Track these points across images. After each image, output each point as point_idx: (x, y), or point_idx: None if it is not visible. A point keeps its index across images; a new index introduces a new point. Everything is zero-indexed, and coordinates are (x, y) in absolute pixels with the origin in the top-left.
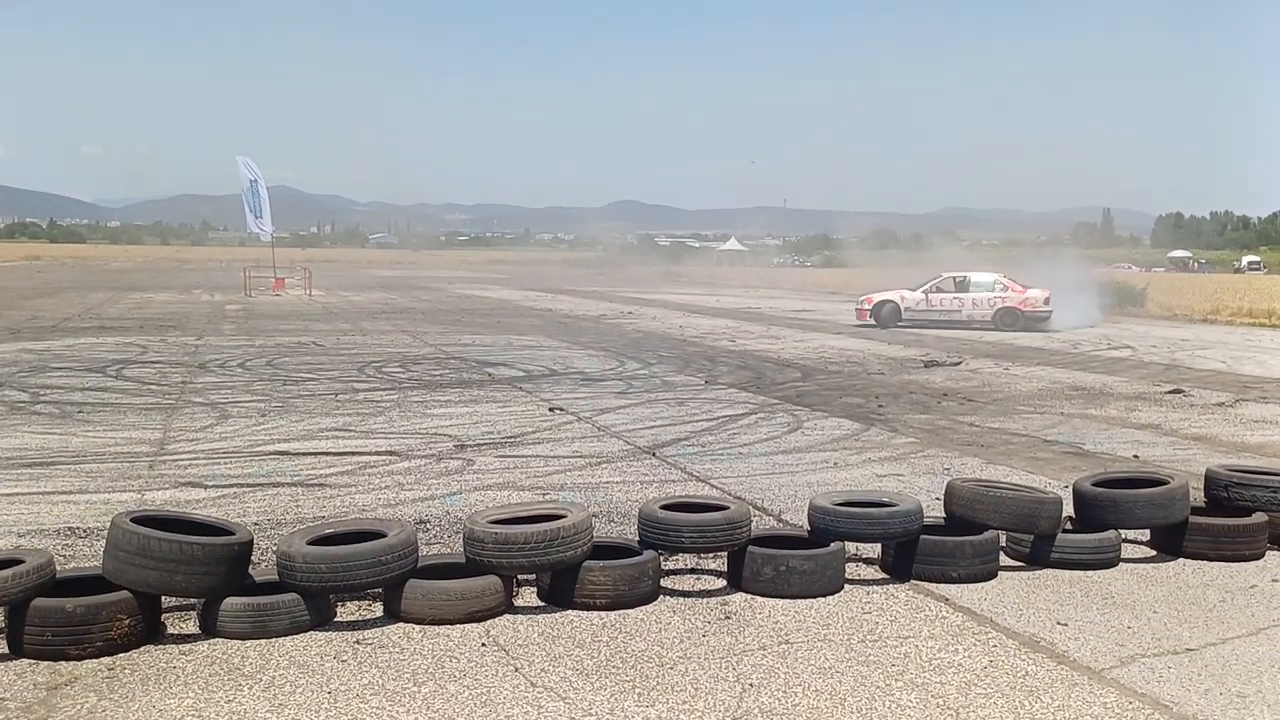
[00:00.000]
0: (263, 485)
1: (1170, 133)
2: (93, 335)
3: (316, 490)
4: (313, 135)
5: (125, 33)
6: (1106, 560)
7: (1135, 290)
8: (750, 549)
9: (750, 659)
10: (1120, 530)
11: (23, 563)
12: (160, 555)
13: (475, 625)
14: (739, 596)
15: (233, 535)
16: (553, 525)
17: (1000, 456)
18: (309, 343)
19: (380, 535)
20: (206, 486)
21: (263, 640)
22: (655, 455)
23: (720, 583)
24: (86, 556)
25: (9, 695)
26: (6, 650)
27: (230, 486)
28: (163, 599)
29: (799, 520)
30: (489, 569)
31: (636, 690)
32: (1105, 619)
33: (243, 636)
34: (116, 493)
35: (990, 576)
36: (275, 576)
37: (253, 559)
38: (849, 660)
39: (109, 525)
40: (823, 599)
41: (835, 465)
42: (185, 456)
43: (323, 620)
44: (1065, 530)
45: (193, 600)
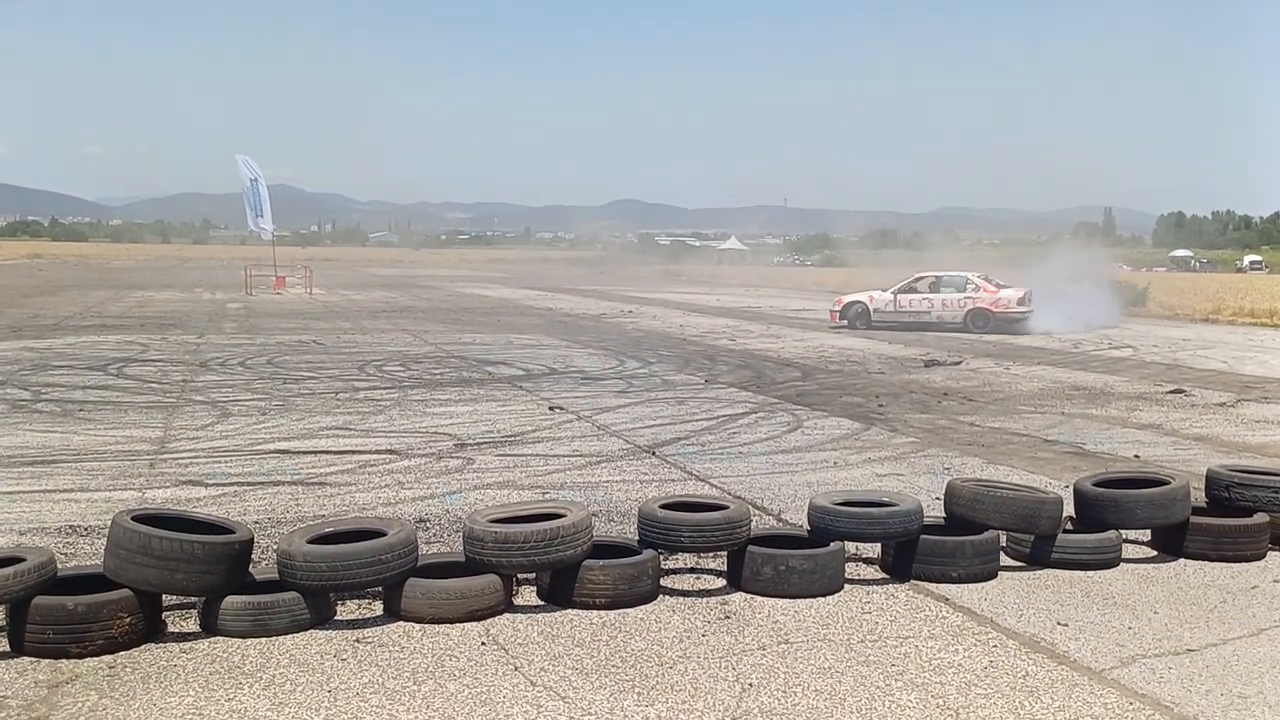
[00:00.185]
0: (263, 484)
1: (1172, 132)
2: (94, 333)
3: (317, 489)
4: (313, 134)
5: (127, 32)
6: (1107, 560)
7: (1136, 290)
8: (750, 548)
9: (750, 659)
10: (1121, 530)
11: (24, 561)
12: (161, 554)
13: (475, 624)
14: (739, 596)
15: (233, 534)
16: (552, 524)
17: (1001, 456)
18: (309, 341)
19: (380, 534)
20: (207, 485)
21: (263, 639)
22: (655, 454)
23: (720, 582)
24: (87, 555)
25: (10, 693)
26: (8, 648)
27: (231, 485)
28: (163, 597)
29: (799, 520)
30: (489, 568)
31: (636, 689)
32: (1106, 619)
33: (243, 635)
34: (117, 491)
35: (990, 576)
36: (275, 575)
37: (253, 557)
38: (849, 660)
39: (110, 523)
40: (822, 599)
41: (835, 465)
42: (186, 455)
43: (323, 619)
44: (1066, 530)
45: (193, 598)
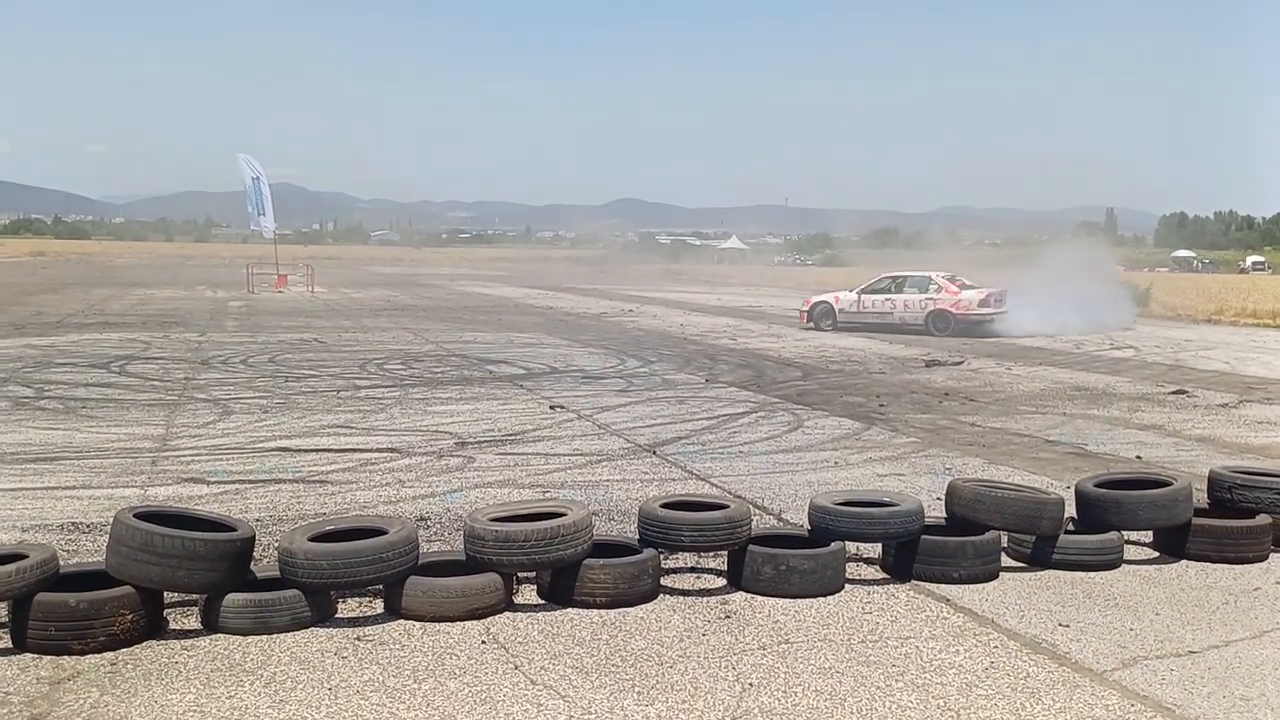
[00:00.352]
0: (265, 482)
1: (1175, 132)
2: (97, 331)
3: (318, 487)
4: (316, 133)
5: (130, 30)
6: (1109, 562)
7: (1139, 290)
8: (750, 548)
9: (750, 658)
10: (1123, 531)
11: (26, 557)
12: (163, 551)
13: (475, 623)
14: (739, 596)
15: (235, 531)
16: (553, 523)
17: (1002, 457)
18: (311, 340)
19: (381, 532)
20: (209, 483)
21: (264, 636)
22: (655, 453)
23: (720, 582)
24: (90, 552)
25: (12, 690)
26: (10, 645)
27: (232, 483)
28: (165, 594)
29: (799, 519)
30: (489, 566)
31: (636, 689)
32: (1107, 621)
33: (244, 632)
34: (120, 488)
35: (992, 577)
36: (277, 573)
37: (254, 555)
38: (849, 660)
39: (112, 521)
40: (823, 599)
41: (836, 465)
42: (188, 452)
43: (324, 617)
44: (1067, 531)
45: (195, 596)
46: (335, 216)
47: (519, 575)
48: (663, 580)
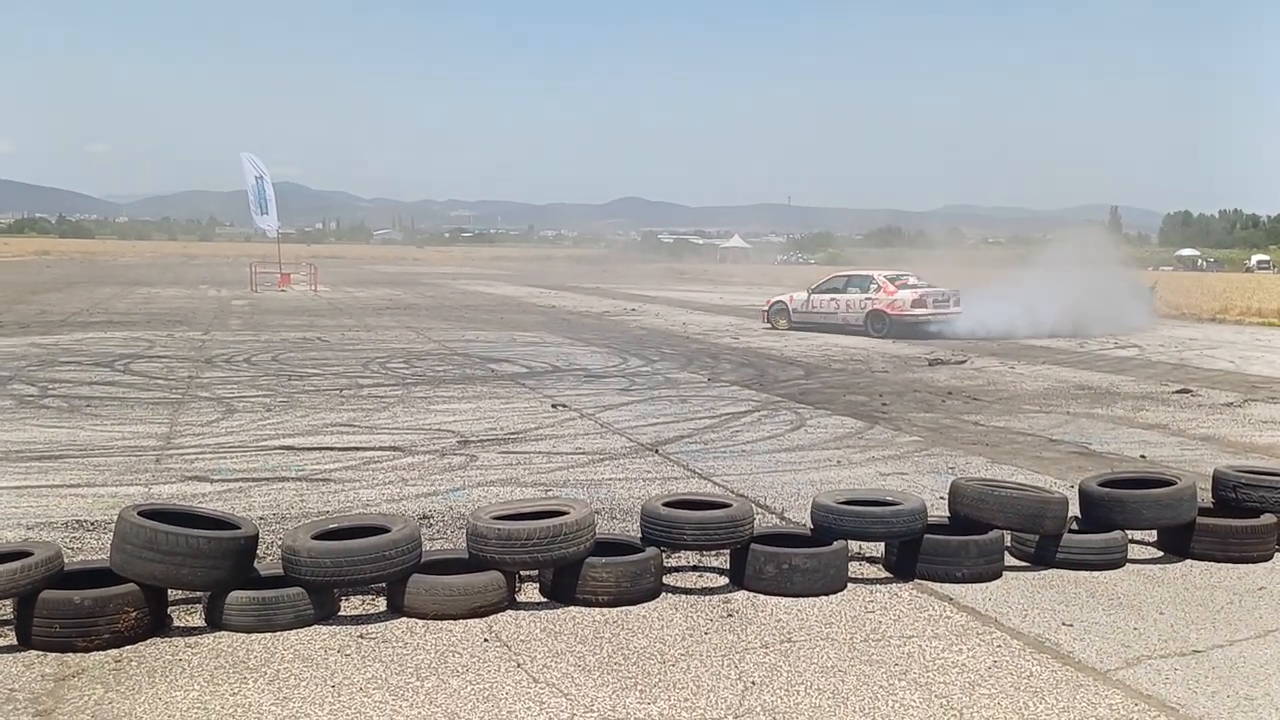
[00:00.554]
0: (268, 480)
1: (1179, 130)
2: (101, 330)
3: (321, 485)
4: (319, 132)
5: (133, 29)
6: (1113, 561)
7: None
8: (753, 547)
9: (753, 657)
10: (1127, 531)
11: (31, 555)
12: (167, 549)
13: (478, 620)
14: (741, 594)
15: (238, 529)
16: (555, 522)
17: (1005, 456)
18: (314, 338)
19: (384, 530)
20: (212, 481)
21: (268, 634)
22: (658, 452)
23: (722, 580)
24: (94, 549)
25: (17, 686)
26: (15, 642)
27: (236, 481)
28: (169, 592)
29: (802, 519)
30: (492, 565)
31: (639, 687)
32: (1111, 620)
33: (248, 630)
34: (123, 486)
35: (995, 576)
36: (280, 571)
37: (258, 553)
38: (852, 659)
39: (116, 519)
40: (826, 597)
41: (838, 464)
42: (191, 451)
43: (327, 614)
44: (1071, 530)
45: (199, 593)
46: (338, 215)
47: (521, 573)
48: (665, 579)
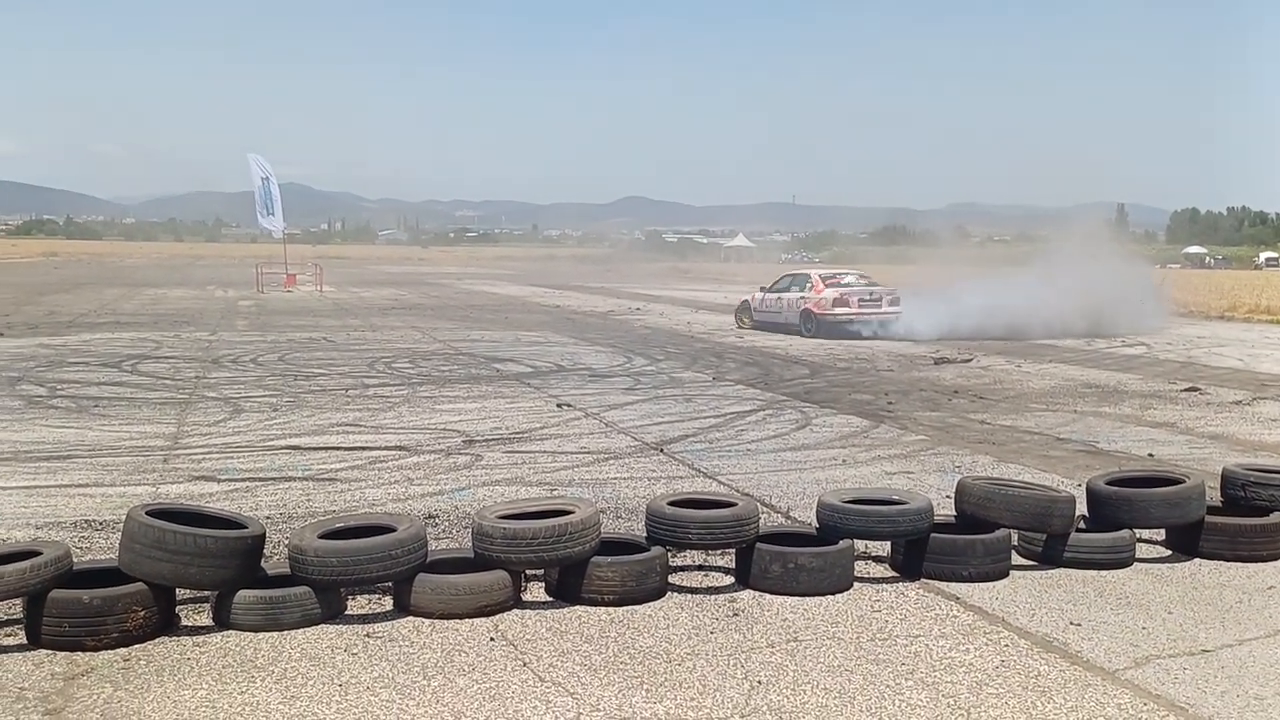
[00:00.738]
0: (275, 479)
1: (1186, 127)
2: (108, 330)
3: (327, 485)
4: (324, 133)
5: (139, 31)
6: (1121, 560)
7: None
8: (758, 546)
9: (759, 656)
10: (1135, 530)
11: (40, 555)
12: (175, 548)
13: (484, 620)
14: (747, 593)
15: (246, 529)
16: (561, 521)
17: (1012, 455)
18: (320, 338)
19: (390, 530)
20: (220, 480)
21: (275, 633)
22: (663, 451)
23: (728, 580)
24: (102, 549)
25: (27, 685)
26: (25, 641)
27: (243, 480)
28: (177, 591)
29: (807, 518)
30: (497, 564)
31: (644, 686)
32: (1119, 619)
33: (255, 629)
34: (132, 486)
35: (1002, 575)
36: (287, 570)
37: (265, 552)
38: (858, 659)
39: (125, 518)
40: (832, 597)
41: (844, 463)
42: (199, 451)
43: (333, 613)
44: (1079, 529)
45: (207, 593)
46: (343, 216)
47: (527, 573)
48: (670, 578)
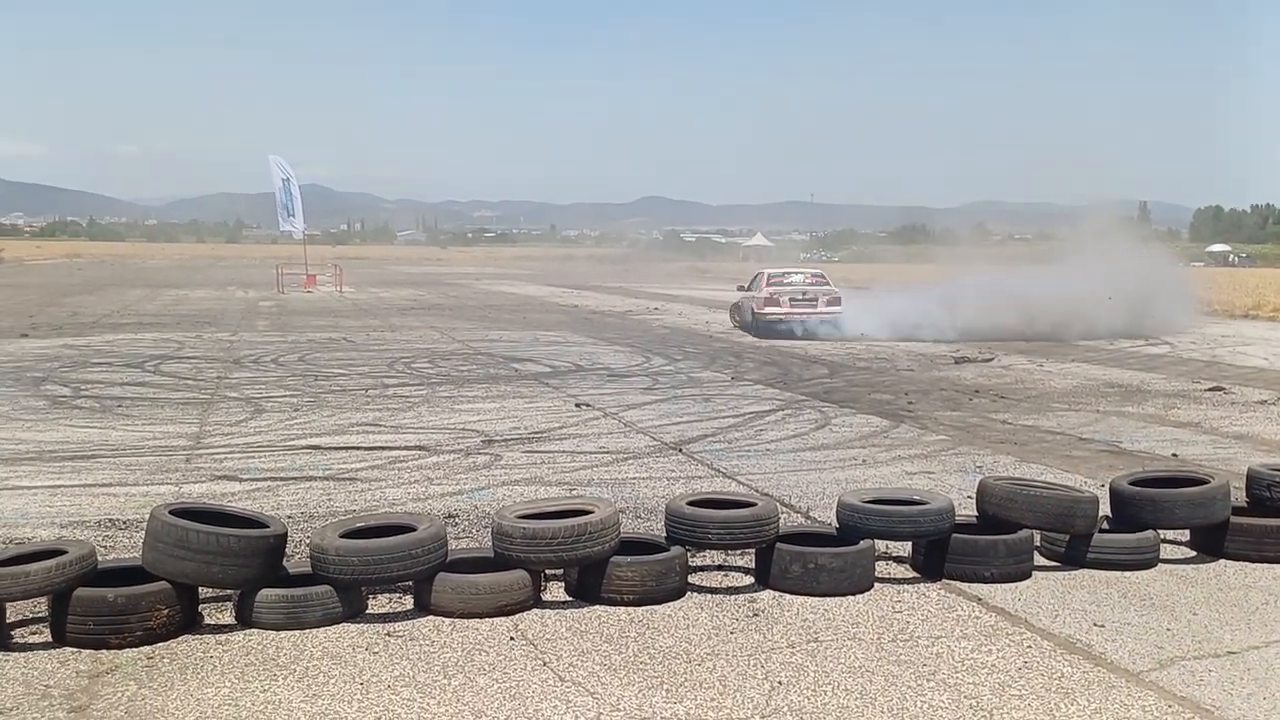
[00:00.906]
0: (296, 479)
1: (1210, 124)
2: (131, 331)
3: (348, 484)
4: (343, 134)
5: (161, 33)
6: (1145, 561)
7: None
8: (778, 546)
9: (779, 656)
10: (1159, 530)
11: (65, 553)
12: (198, 547)
13: (504, 619)
14: (767, 594)
15: (268, 528)
16: (580, 521)
17: (1034, 455)
18: (340, 339)
19: (410, 529)
20: (241, 480)
21: (297, 631)
22: (682, 451)
23: (748, 580)
24: (126, 548)
25: (52, 683)
26: (49, 638)
27: (264, 480)
28: (200, 590)
29: (827, 518)
30: (517, 564)
31: (665, 686)
32: (1143, 620)
33: (277, 627)
34: (155, 485)
35: (1024, 576)
36: (309, 569)
37: (287, 552)
38: (879, 659)
39: (148, 517)
40: (852, 597)
41: (864, 463)
42: (221, 450)
43: (354, 612)
44: (1102, 530)
45: (229, 591)
46: (362, 217)
47: (547, 572)
48: (690, 578)
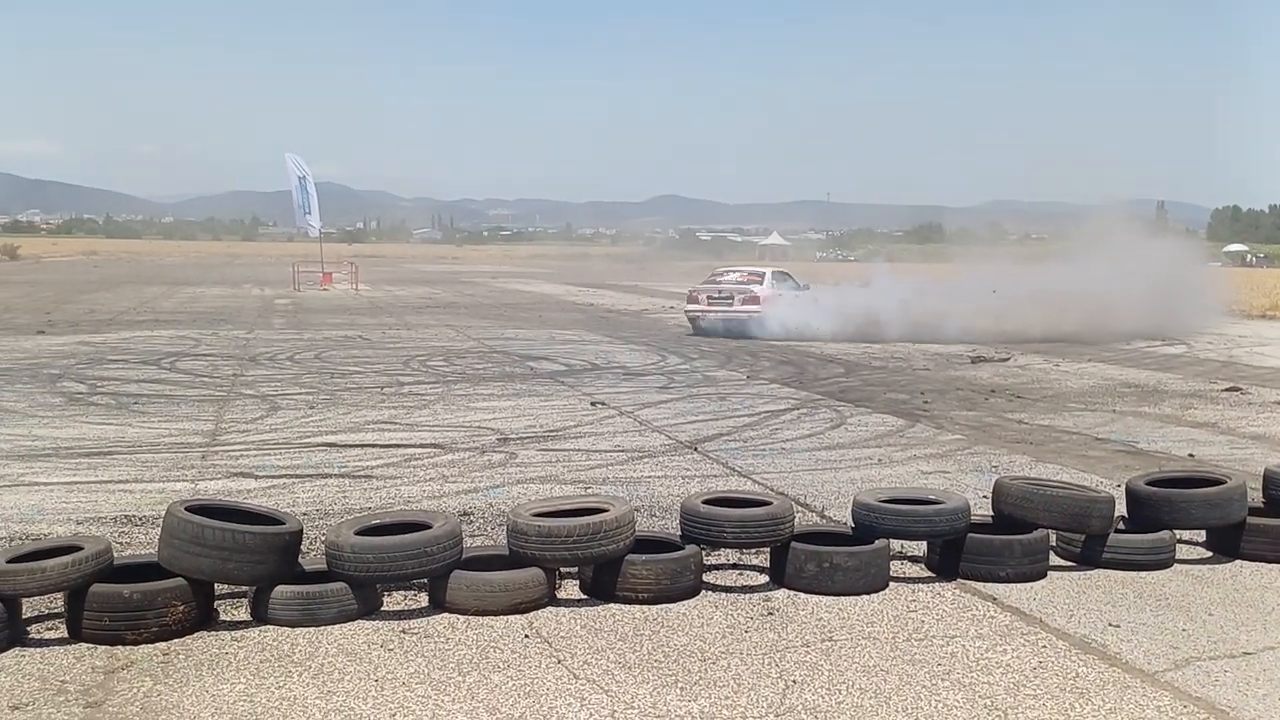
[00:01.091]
0: (311, 476)
1: (1227, 123)
2: (148, 328)
3: (363, 482)
4: (360, 132)
5: (178, 31)
6: (1160, 561)
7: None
8: (793, 545)
9: (794, 655)
10: (1175, 531)
11: (82, 549)
12: (214, 544)
13: (518, 617)
14: (782, 593)
15: (283, 525)
16: (595, 519)
17: (1050, 454)
18: (355, 337)
19: (425, 526)
20: (257, 477)
21: (312, 628)
22: (697, 450)
23: (763, 578)
24: (142, 544)
25: (68, 678)
26: (66, 634)
27: (280, 477)
28: (216, 586)
29: (842, 517)
30: (532, 561)
31: (679, 685)
32: (1159, 621)
33: (293, 624)
34: (171, 482)
35: (1039, 576)
36: (324, 566)
37: (302, 548)
38: (894, 659)
39: (164, 514)
40: (867, 596)
41: (879, 462)
42: (237, 447)
43: (370, 609)
44: (1118, 530)
45: (245, 588)
46: (378, 215)
47: (561, 570)
48: (705, 577)
